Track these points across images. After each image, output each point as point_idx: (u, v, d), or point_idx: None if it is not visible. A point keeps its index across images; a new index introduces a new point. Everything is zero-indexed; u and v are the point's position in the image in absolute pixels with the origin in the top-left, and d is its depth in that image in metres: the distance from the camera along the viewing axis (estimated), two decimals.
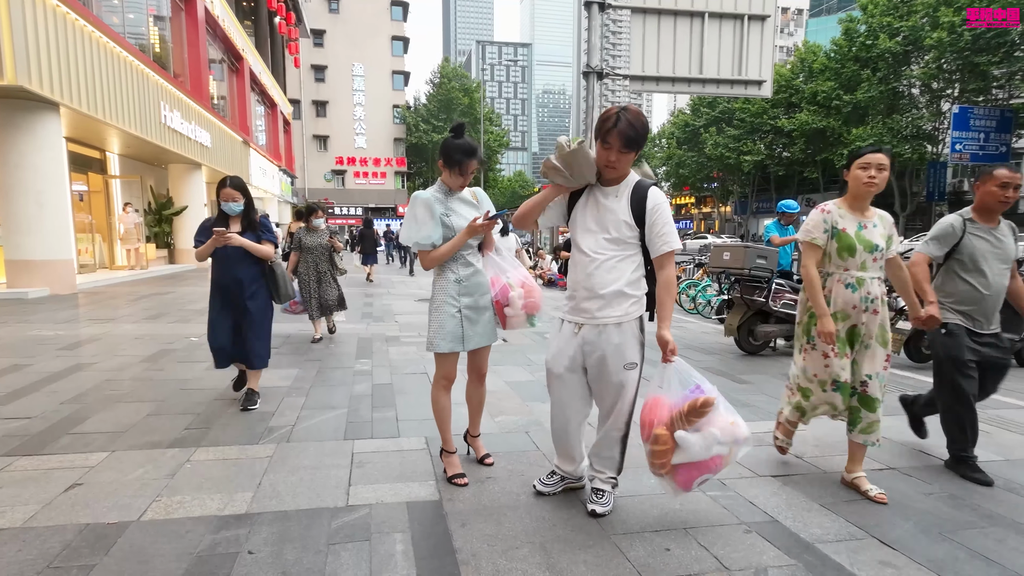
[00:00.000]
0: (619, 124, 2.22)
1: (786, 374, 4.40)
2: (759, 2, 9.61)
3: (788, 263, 6.65)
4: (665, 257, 2.32)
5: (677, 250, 2.33)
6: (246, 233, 3.78)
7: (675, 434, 2.19)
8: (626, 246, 2.35)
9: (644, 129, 2.25)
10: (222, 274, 3.78)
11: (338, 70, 46.32)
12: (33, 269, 9.59)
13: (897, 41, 29.36)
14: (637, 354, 2.39)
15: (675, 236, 2.33)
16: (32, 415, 3.64)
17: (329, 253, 6.39)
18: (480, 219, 2.59)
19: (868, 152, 2.76)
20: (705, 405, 2.17)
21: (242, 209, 3.79)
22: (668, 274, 2.35)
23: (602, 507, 2.46)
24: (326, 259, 6.36)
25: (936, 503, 2.66)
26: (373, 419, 3.70)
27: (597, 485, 2.52)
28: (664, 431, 2.22)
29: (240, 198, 3.76)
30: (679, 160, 48.15)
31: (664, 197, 2.37)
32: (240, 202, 3.76)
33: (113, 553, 2.11)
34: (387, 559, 2.11)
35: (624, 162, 2.31)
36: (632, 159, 2.33)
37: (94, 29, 10.13)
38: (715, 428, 2.18)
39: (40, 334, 6.34)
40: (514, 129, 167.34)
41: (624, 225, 2.32)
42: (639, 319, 2.39)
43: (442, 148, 2.68)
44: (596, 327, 2.35)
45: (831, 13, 55.27)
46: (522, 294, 2.73)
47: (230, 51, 20.45)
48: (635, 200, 2.32)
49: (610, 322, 2.34)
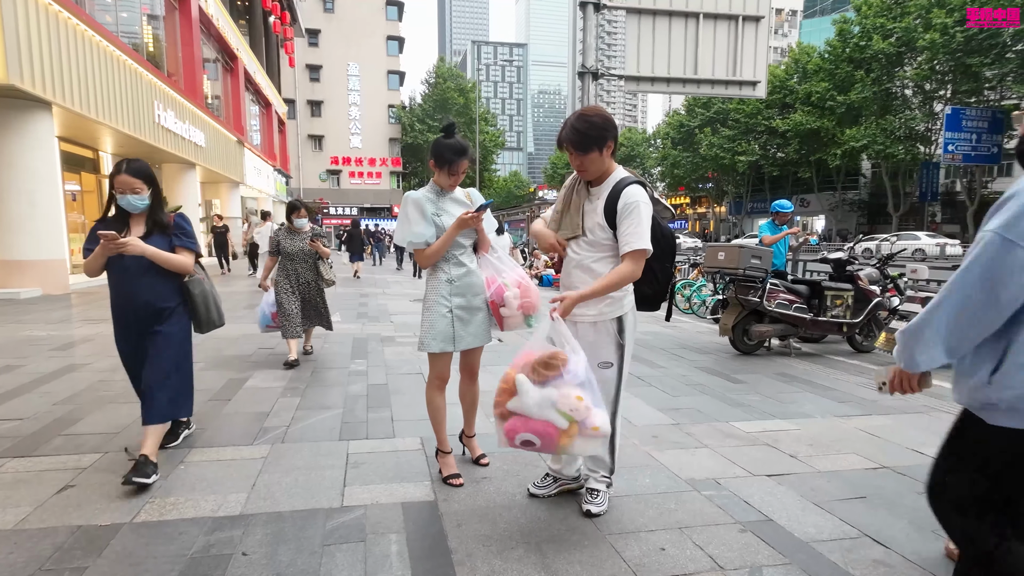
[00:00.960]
0: (563, 132, 2.32)
1: (781, 374, 4.42)
2: (753, 3, 9.63)
3: (782, 263, 6.68)
4: (627, 255, 2.23)
5: (641, 250, 2.22)
6: (152, 237, 2.79)
7: (516, 376, 2.12)
8: (601, 248, 2.35)
9: (592, 126, 2.24)
10: (119, 294, 2.81)
11: (333, 70, 46.20)
12: (25, 269, 9.53)
13: (890, 42, 29.54)
14: (613, 354, 2.37)
15: (639, 237, 2.20)
16: (24, 416, 3.61)
17: (314, 261, 5.25)
18: (469, 212, 2.60)
19: None
20: (554, 358, 2.09)
21: (147, 204, 2.79)
22: (624, 270, 2.23)
23: (596, 507, 2.46)
24: (310, 267, 5.21)
25: None
26: (368, 419, 3.69)
27: (592, 484, 2.52)
28: (511, 372, 2.17)
29: (144, 188, 2.76)
30: (674, 160, 48.30)
31: (639, 195, 2.25)
32: (143, 194, 2.77)
33: (106, 555, 2.10)
34: (382, 560, 2.11)
35: (589, 163, 2.30)
36: (598, 158, 2.29)
37: (87, 28, 10.07)
38: (556, 392, 2.06)
39: (33, 334, 6.29)
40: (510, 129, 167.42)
41: (598, 227, 2.33)
42: (617, 319, 2.36)
43: (433, 148, 2.67)
44: (574, 324, 2.36)
45: (825, 14, 55.54)
46: (518, 294, 2.71)
47: (224, 50, 20.37)
48: (610, 200, 2.29)
49: (585, 320, 2.36)
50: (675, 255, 2.47)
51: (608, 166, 2.36)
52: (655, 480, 2.85)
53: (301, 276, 5.18)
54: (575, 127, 2.27)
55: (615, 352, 2.38)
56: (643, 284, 2.39)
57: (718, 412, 4.02)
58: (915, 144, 31.66)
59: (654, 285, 2.42)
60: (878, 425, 3.79)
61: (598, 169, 2.34)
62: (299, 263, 5.16)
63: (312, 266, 5.23)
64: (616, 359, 2.38)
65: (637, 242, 2.21)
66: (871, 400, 4.39)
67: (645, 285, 2.40)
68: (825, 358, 6.00)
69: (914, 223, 36.53)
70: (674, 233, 2.52)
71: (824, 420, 3.88)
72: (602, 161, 2.31)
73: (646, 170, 59.90)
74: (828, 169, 38.13)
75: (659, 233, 2.38)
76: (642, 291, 2.42)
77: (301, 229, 5.25)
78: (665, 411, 4.01)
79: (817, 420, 3.88)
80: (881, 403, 4.31)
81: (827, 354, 6.21)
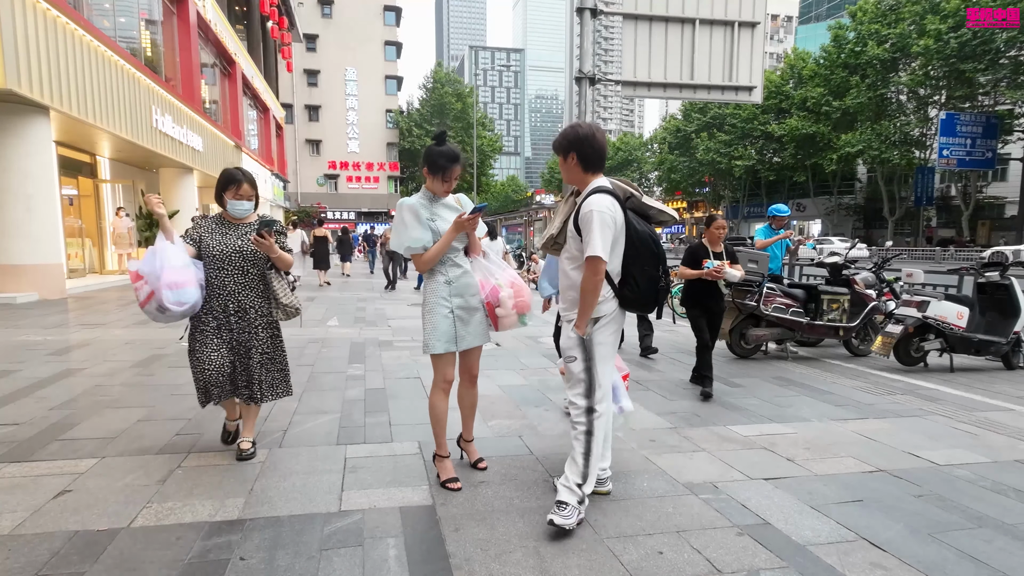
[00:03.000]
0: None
1: (777, 377, 4.44)
2: (749, 9, 9.69)
3: (778, 267, 6.70)
4: (584, 263, 2.36)
5: (591, 257, 2.30)
6: None
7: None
8: (574, 254, 2.49)
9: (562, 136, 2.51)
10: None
11: (331, 74, 46.29)
12: (22, 274, 9.49)
13: (885, 48, 29.75)
14: (579, 351, 2.45)
15: (589, 245, 2.31)
16: (21, 421, 3.59)
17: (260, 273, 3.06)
18: (465, 215, 2.66)
19: None
20: None
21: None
22: (584, 278, 2.34)
23: (561, 519, 2.31)
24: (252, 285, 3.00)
25: (926, 505, 2.69)
26: (366, 424, 3.68)
27: (562, 496, 2.39)
28: None
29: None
30: (671, 165, 48.48)
31: (596, 203, 2.34)
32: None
33: (103, 560, 2.09)
34: (380, 564, 2.11)
35: (564, 168, 2.55)
36: (566, 164, 2.52)
37: (85, 33, 10.07)
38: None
39: (29, 339, 6.27)
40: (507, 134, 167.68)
41: (572, 236, 2.48)
42: (592, 320, 2.44)
43: (426, 155, 2.72)
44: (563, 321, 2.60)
45: (820, 20, 55.94)
46: (512, 294, 2.80)
47: (222, 55, 20.39)
48: (578, 209, 2.43)
49: (570, 318, 2.52)
50: (659, 258, 2.48)
51: (583, 177, 2.51)
52: (653, 484, 2.85)
53: (235, 300, 2.96)
54: (560, 133, 2.56)
55: (580, 349, 2.45)
56: (623, 287, 2.48)
57: (715, 416, 4.03)
58: (910, 149, 31.84)
59: (634, 290, 2.46)
60: (874, 429, 3.80)
61: (574, 176, 2.53)
62: (232, 276, 2.95)
63: (255, 283, 3.00)
64: (580, 354, 2.45)
65: (588, 249, 2.34)
66: (868, 404, 4.41)
67: (625, 288, 2.47)
68: (822, 362, 6.02)
69: (910, 227, 36.72)
70: (656, 237, 2.55)
71: (821, 424, 3.89)
72: (574, 170, 2.51)
73: (643, 175, 60.07)
74: (824, 174, 38.31)
75: (634, 238, 2.43)
76: (623, 294, 2.48)
77: (239, 219, 3.00)
78: (662, 415, 4.02)
79: (814, 424, 3.89)
80: (877, 407, 4.33)
81: (824, 358, 6.23)
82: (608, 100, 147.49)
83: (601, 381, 2.46)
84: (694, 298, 4.79)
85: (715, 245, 4.79)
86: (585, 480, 2.41)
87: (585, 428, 2.44)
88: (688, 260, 4.82)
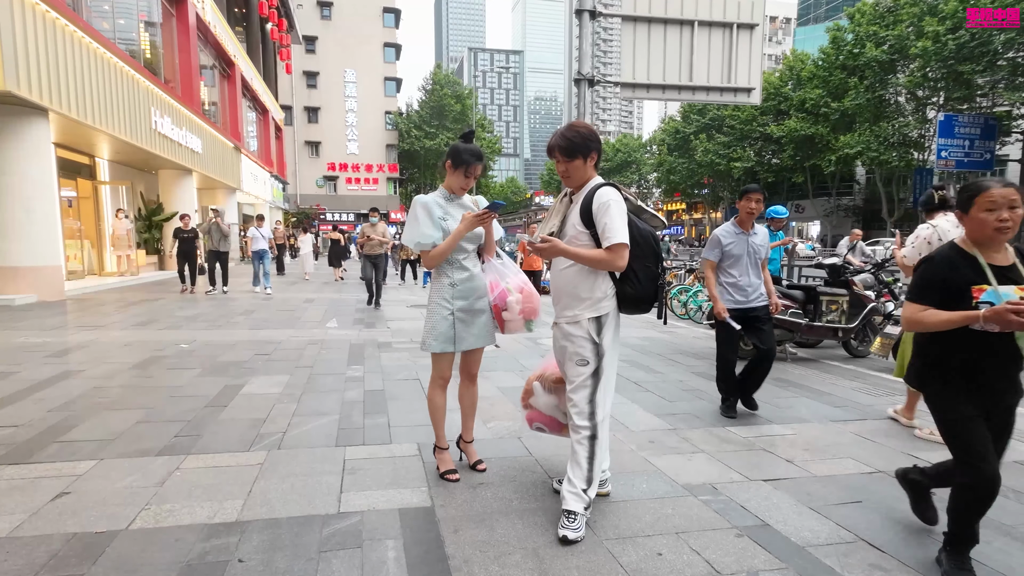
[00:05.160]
0: (553, 140, 2.49)
1: (777, 379, 4.43)
2: (748, 11, 9.72)
3: (777, 269, 6.71)
4: (607, 250, 2.32)
5: (620, 243, 2.29)
6: None
7: (533, 383, 2.84)
8: (576, 244, 2.43)
9: (580, 135, 2.43)
10: None
11: (330, 76, 46.30)
12: (21, 275, 9.48)
13: (883, 50, 29.78)
14: (589, 352, 2.41)
15: (615, 231, 2.30)
16: (19, 423, 3.59)
17: None
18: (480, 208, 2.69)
19: None
20: (558, 382, 2.71)
21: None
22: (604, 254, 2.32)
23: (573, 532, 2.30)
24: None
25: None
26: (365, 425, 3.68)
27: (569, 505, 2.36)
28: (532, 378, 2.87)
29: None
30: (670, 166, 48.48)
31: (611, 194, 2.36)
32: None
33: (101, 563, 2.09)
34: (379, 566, 2.10)
35: (573, 169, 2.47)
36: (581, 166, 2.45)
37: (84, 35, 10.08)
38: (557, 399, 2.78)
39: (28, 341, 6.26)
40: (506, 135, 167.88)
41: (572, 226, 2.44)
42: (595, 320, 2.41)
43: (451, 150, 2.77)
44: (560, 325, 2.52)
45: (819, 22, 56.01)
46: (520, 299, 2.78)
47: (221, 57, 20.41)
48: (585, 201, 2.41)
49: (567, 321, 2.47)
50: (658, 256, 2.49)
51: (589, 175, 2.49)
52: (652, 485, 2.85)
53: None
54: (565, 135, 2.45)
55: (591, 350, 2.41)
56: (624, 284, 2.44)
57: (715, 417, 4.03)
58: (908, 150, 31.86)
59: (635, 286, 2.44)
60: (873, 429, 3.80)
61: (580, 177, 2.48)
62: None
63: None
64: (592, 357, 2.40)
65: (614, 236, 2.30)
66: (867, 405, 4.41)
67: (626, 284, 2.44)
68: (821, 363, 6.02)
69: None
70: (655, 235, 2.55)
71: (820, 425, 3.90)
72: (585, 170, 2.47)
73: (642, 176, 60.10)
74: (823, 175, 38.34)
75: (636, 234, 2.43)
76: (623, 291, 2.44)
77: None
78: (662, 416, 4.02)
79: (813, 425, 3.89)
80: (876, 407, 4.33)
81: (823, 359, 6.24)
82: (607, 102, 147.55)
83: (607, 386, 2.45)
84: None
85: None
86: (590, 484, 2.40)
87: (589, 432, 2.42)
88: None
